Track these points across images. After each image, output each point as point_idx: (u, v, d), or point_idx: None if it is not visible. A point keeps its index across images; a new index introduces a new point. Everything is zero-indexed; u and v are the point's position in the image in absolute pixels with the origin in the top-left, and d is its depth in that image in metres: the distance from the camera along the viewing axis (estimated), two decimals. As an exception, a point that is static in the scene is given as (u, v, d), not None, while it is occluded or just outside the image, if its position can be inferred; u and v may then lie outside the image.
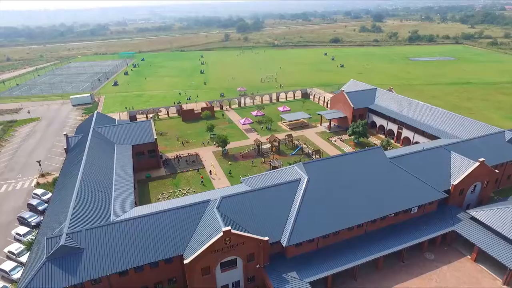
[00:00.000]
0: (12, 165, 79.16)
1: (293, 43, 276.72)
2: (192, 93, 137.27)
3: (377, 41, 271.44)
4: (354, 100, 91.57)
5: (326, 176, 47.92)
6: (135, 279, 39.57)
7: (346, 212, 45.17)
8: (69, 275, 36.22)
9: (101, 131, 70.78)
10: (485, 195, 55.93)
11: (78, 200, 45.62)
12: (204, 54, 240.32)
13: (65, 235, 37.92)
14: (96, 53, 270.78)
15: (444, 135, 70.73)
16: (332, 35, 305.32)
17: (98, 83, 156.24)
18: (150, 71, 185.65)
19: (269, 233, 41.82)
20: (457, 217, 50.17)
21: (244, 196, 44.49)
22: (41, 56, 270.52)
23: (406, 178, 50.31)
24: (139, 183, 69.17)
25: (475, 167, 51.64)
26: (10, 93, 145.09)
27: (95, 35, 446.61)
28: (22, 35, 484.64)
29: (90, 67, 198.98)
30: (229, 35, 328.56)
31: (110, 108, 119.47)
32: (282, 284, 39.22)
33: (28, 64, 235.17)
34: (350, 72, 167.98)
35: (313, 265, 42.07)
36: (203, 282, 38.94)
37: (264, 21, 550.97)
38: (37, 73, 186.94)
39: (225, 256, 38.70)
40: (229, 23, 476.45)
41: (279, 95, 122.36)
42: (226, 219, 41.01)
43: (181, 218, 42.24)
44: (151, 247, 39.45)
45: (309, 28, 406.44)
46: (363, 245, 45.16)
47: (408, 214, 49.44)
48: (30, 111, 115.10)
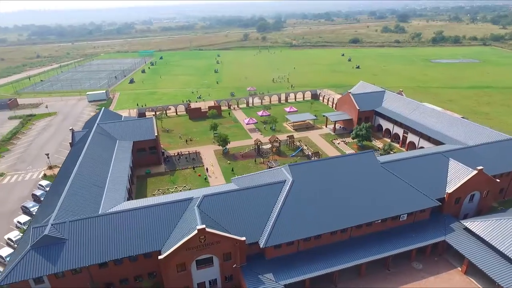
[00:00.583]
0: (24, 157, 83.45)
1: (311, 43, 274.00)
2: (204, 91, 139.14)
3: (398, 42, 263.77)
4: (360, 103, 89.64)
5: (312, 179, 47.32)
6: (115, 272, 40.79)
7: (329, 216, 44.43)
8: (50, 264, 37.87)
9: (105, 127, 73.24)
10: (485, 205, 53.30)
11: (69, 192, 47.50)
12: (221, 53, 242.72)
13: (50, 226, 39.67)
14: (118, 51, 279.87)
15: (450, 141, 67.86)
16: (352, 35, 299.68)
17: (115, 80, 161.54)
18: (166, 69, 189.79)
19: (248, 234, 41.90)
20: (450, 226, 48.18)
21: (226, 195, 44.76)
22: (68, 53, 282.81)
23: (397, 184, 48.82)
24: (138, 178, 71.08)
25: (472, 176, 49.32)
26: (34, 88, 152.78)
27: (120, 34, 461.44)
28: (54, 33, 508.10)
29: (110, 65, 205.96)
30: (248, 34, 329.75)
31: (123, 104, 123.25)
32: (256, 285, 39.21)
33: (55, 61, 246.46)
34: (366, 73, 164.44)
35: (291, 268, 41.75)
36: (178, 278, 39.58)
37: (286, 21, 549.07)
38: (60, 70, 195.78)
39: (200, 254, 39.15)
40: (250, 22, 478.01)
41: (288, 95, 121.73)
42: (205, 217, 41.47)
43: (162, 214, 43.09)
44: (131, 241, 40.50)
45: (330, 28, 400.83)
46: (346, 251, 44.31)
47: (397, 221, 47.97)
48: (48, 106, 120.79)
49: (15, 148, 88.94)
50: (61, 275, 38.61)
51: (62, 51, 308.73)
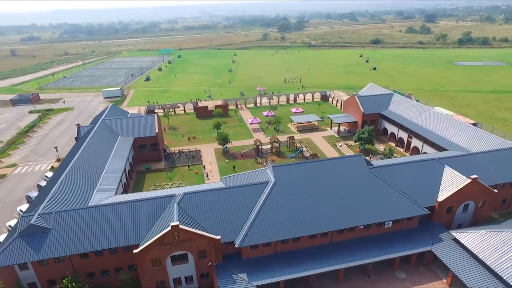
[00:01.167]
0: (37, 149, 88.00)
1: (330, 43, 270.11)
2: (216, 90, 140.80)
3: (421, 43, 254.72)
4: (366, 105, 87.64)
5: (295, 181, 46.99)
6: (96, 263, 42.34)
7: (310, 219, 43.96)
8: (34, 252, 39.93)
9: (109, 122, 75.93)
10: (481, 215, 50.78)
11: (61, 184, 49.74)
12: (239, 52, 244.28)
13: (36, 215, 41.83)
14: (140, 50, 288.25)
15: (453, 147, 65.06)
16: (374, 36, 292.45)
17: (131, 78, 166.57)
18: (182, 68, 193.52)
19: (226, 233, 42.30)
20: (439, 236, 46.31)
21: (207, 193, 45.34)
22: (93, 51, 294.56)
23: (385, 190, 47.53)
24: (138, 173, 73.20)
25: (465, 185, 47.15)
26: (56, 84, 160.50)
27: (145, 32, 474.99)
28: (84, 31, 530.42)
29: (130, 63, 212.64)
30: (268, 34, 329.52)
31: (135, 101, 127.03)
32: (228, 283, 39.51)
33: (80, 58, 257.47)
34: (382, 75, 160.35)
35: (266, 269, 41.70)
36: (154, 272, 40.58)
37: (308, 20, 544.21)
38: (83, 67, 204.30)
39: (175, 250, 39.91)
40: (272, 22, 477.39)
41: (297, 96, 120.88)
42: (183, 214, 42.26)
43: (144, 209, 44.25)
44: (112, 234, 41.91)
45: (353, 28, 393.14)
46: (325, 255, 43.69)
47: (382, 228, 46.70)
48: (66, 101, 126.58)
49: (30, 140, 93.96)
50: (44, 262, 40.60)
51: (88, 48, 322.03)
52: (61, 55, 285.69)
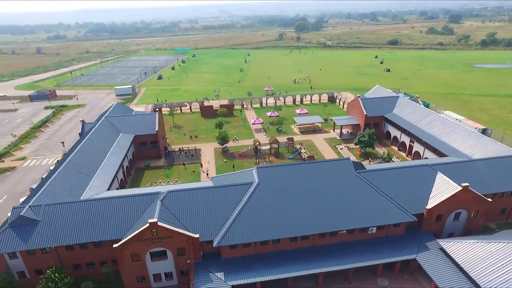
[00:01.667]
0: (47, 143, 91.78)
1: (346, 44, 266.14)
2: (225, 90, 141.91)
3: (441, 44, 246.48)
4: (369, 108, 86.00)
5: (279, 182, 46.92)
6: (81, 255, 43.82)
7: (291, 222, 43.78)
8: (23, 242, 41.85)
9: (111, 120, 78.20)
10: (475, 225, 48.82)
11: (56, 178, 51.78)
12: (253, 52, 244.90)
13: (27, 207, 43.79)
14: (158, 48, 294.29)
15: (454, 153, 62.84)
16: (392, 36, 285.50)
17: (144, 76, 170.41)
18: (195, 67, 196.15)
19: (206, 231, 42.84)
20: (426, 245, 44.98)
21: (191, 192, 46.03)
22: (113, 49, 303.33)
23: (371, 195, 46.67)
24: (137, 170, 75.02)
25: (455, 192, 45.53)
26: (73, 82, 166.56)
27: (165, 32, 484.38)
28: (107, 30, 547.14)
29: (145, 61, 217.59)
30: (284, 34, 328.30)
31: (145, 99, 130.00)
32: (203, 282, 39.99)
33: (100, 56, 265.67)
34: (395, 77, 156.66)
35: (244, 270, 41.88)
36: (134, 267, 41.62)
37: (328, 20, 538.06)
38: (100, 65, 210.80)
39: (154, 246, 40.78)
40: (291, 22, 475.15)
41: (304, 97, 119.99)
42: (165, 212, 43.11)
43: (129, 205, 45.38)
44: (96, 228, 43.27)
45: (372, 28, 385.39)
46: (305, 258, 43.37)
47: (365, 233, 45.84)
48: (79, 98, 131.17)
49: (42, 135, 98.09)
50: (32, 252, 42.49)
51: (109, 47, 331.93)
52: (82, 53, 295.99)
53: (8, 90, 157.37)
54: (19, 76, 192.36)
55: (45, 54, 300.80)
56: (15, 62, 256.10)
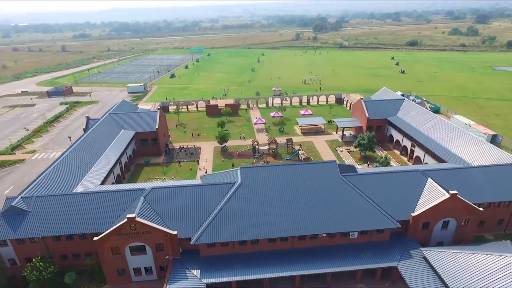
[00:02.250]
0: (57, 138, 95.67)
1: (363, 44, 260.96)
2: (235, 89, 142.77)
3: (464, 46, 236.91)
4: (372, 110, 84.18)
5: (262, 183, 46.92)
6: (67, 246, 45.52)
7: (270, 223, 43.70)
8: (12, 231, 43.97)
9: (114, 116, 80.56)
10: (465, 235, 46.86)
11: (52, 171, 54.00)
12: (268, 52, 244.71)
13: (19, 198, 45.98)
14: (175, 47, 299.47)
15: (454, 159, 60.51)
16: (412, 37, 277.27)
17: (157, 75, 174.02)
18: (208, 66, 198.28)
19: (186, 229, 43.46)
20: (409, 253, 43.68)
21: (173, 190, 46.82)
22: (132, 48, 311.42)
23: (355, 199, 45.83)
24: (137, 166, 76.90)
25: (442, 200, 43.93)
26: (90, 79, 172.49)
27: (185, 31, 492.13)
28: (130, 29, 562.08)
29: (160, 60, 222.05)
30: (300, 34, 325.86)
31: (155, 97, 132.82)
32: (178, 278, 40.61)
33: (120, 54, 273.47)
34: (409, 79, 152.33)
35: (220, 268, 42.16)
36: (114, 260, 42.84)
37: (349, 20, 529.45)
38: (117, 63, 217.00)
39: (133, 241, 41.81)
40: (310, 22, 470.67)
41: (310, 98, 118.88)
42: (147, 208, 44.11)
43: (114, 200, 46.67)
44: (82, 221, 44.80)
45: (392, 29, 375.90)
46: (283, 260, 43.16)
47: (347, 238, 45.04)
48: (93, 95, 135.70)
49: (53, 130, 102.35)
50: (21, 241, 44.57)
51: (130, 45, 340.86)
52: (104, 51, 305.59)
53: (30, 86, 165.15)
54: (42, 73, 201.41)
55: (69, 52, 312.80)
56: (41, 60, 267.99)
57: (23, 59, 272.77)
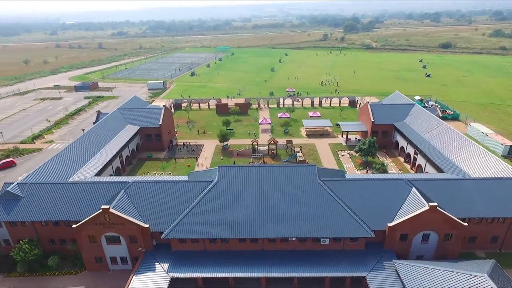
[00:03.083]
0: (74, 130, 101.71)
1: (391, 46, 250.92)
2: (251, 89, 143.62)
3: (504, 49, 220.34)
4: (378, 114, 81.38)
5: (239, 183, 47.25)
6: (53, 231, 48.53)
7: (241, 223, 43.96)
8: (6, 214, 47.70)
9: (122, 111, 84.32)
10: (449, 250, 44.15)
11: (51, 160, 57.90)
12: (292, 52, 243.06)
13: (15, 184, 49.82)
14: (203, 46, 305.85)
15: (452, 170, 57.15)
16: (447, 39, 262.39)
17: (179, 72, 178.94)
18: (229, 65, 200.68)
19: (160, 223, 44.87)
20: (383, 264, 42.06)
21: (153, 184, 48.45)
22: (163, 46, 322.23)
23: (330, 205, 44.89)
24: (139, 160, 80.00)
25: (420, 212, 41.80)
26: (116, 75, 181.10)
27: (216, 30, 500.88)
28: (164, 27, 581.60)
29: (185, 58, 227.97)
30: (328, 34, 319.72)
31: (172, 94, 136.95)
32: (145, 270, 42.05)
33: (149, 52, 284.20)
34: (434, 83, 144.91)
35: (188, 264, 43.07)
36: (91, 248, 45.22)
37: (383, 21, 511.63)
38: (144, 60, 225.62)
39: (108, 231, 43.86)
40: (342, 22, 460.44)
41: (322, 100, 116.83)
42: (125, 200, 46.08)
43: (98, 191, 49.06)
44: (67, 209, 47.59)
45: (429, 30, 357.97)
46: (251, 261, 43.23)
47: (319, 244, 44.19)
48: (115, 90, 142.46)
49: (73, 122, 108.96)
50: (14, 224, 48.27)
51: (161, 43, 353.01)
52: (136, 49, 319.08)
53: (63, 81, 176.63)
54: (76, 68, 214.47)
55: (105, 49, 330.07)
56: (78, 56, 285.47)
57: (63, 55, 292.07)
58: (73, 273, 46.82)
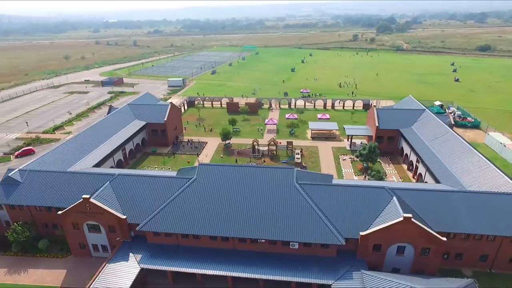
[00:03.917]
0: (91, 122, 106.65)
1: (423, 48, 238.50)
2: (268, 88, 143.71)
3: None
4: (383, 119, 78.38)
5: (216, 182, 47.88)
6: (46, 216, 52.05)
7: (213, 221, 44.59)
8: (6, 198, 51.89)
9: (131, 107, 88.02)
10: (427, 265, 41.91)
11: (55, 150, 61.93)
12: (317, 52, 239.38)
13: (16, 170, 54.05)
14: (231, 45, 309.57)
15: (449, 181, 53.87)
16: (488, 41, 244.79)
17: (200, 71, 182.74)
18: (251, 64, 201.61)
19: (139, 215, 46.67)
20: (351, 274, 40.77)
21: (137, 178, 50.39)
22: (192, 44, 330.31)
23: (303, 209, 44.25)
24: (144, 154, 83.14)
25: (394, 222, 40.00)
26: (142, 72, 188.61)
27: (248, 29, 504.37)
28: (198, 26, 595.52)
29: (209, 57, 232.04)
30: (358, 35, 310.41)
31: (189, 92, 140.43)
32: (118, 259, 43.91)
33: (179, 50, 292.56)
34: (461, 88, 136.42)
35: (160, 257, 44.38)
36: (75, 234, 47.99)
37: (422, 21, 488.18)
38: (170, 58, 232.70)
39: (89, 219, 46.33)
40: (376, 22, 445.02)
41: (335, 102, 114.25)
42: (108, 191, 48.41)
43: (88, 182, 51.86)
44: (58, 196, 50.82)
45: (470, 31, 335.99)
46: (221, 259, 43.71)
47: (289, 248, 43.69)
48: (136, 86, 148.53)
49: (92, 115, 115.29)
50: (13, 207, 52.39)
51: (191, 42, 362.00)
52: (167, 47, 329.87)
53: (94, 75, 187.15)
54: (108, 64, 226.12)
55: (139, 46, 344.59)
56: (114, 52, 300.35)
57: (100, 51, 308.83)
58: (59, 257, 49.97)
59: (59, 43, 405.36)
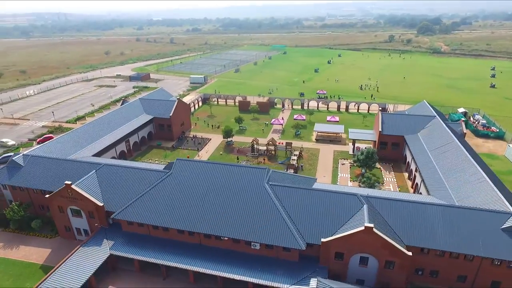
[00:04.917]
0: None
1: (464, 51, 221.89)
2: (286, 88, 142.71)
3: None
4: (388, 124, 74.74)
5: (191, 177, 48.90)
6: (41, 199, 56.11)
7: (181, 215, 45.71)
8: (8, 179, 57.03)
9: (142, 101, 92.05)
10: (393, 279, 39.71)
11: (60, 138, 66.74)
12: (346, 53, 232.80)
13: (20, 154, 59.13)
14: (262, 44, 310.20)
15: (438, 193, 50.41)
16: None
17: (223, 69, 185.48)
18: (276, 63, 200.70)
19: (117, 204, 49.07)
20: (308, 280, 39.78)
21: (120, 169, 52.89)
22: (225, 43, 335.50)
23: (269, 210, 43.89)
24: (149, 147, 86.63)
25: (354, 231, 38.35)
26: (169, 68, 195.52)
27: (284, 28, 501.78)
28: (235, 25, 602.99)
29: (237, 55, 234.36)
30: (394, 36, 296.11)
31: (208, 89, 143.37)
32: (92, 244, 46.50)
33: (211, 48, 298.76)
34: (495, 95, 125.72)
35: (130, 245, 46.40)
36: (61, 217, 51.55)
37: (472, 22, 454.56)
38: (199, 56, 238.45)
39: (71, 204, 49.51)
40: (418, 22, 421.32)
41: (349, 104, 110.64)
42: (92, 179, 51.41)
43: (78, 169, 55.28)
44: (51, 181, 54.83)
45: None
46: (186, 253, 44.69)
47: (251, 248, 43.53)
48: (164, 82, 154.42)
49: (114, 108, 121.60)
50: (14, 188, 57.43)
51: (225, 40, 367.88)
52: (201, 44, 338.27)
53: (126, 71, 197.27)
54: (141, 61, 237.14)
55: (175, 44, 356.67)
56: (151, 49, 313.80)
57: (139, 48, 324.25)
58: (49, 237, 53.91)
59: (104, 40, 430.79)
